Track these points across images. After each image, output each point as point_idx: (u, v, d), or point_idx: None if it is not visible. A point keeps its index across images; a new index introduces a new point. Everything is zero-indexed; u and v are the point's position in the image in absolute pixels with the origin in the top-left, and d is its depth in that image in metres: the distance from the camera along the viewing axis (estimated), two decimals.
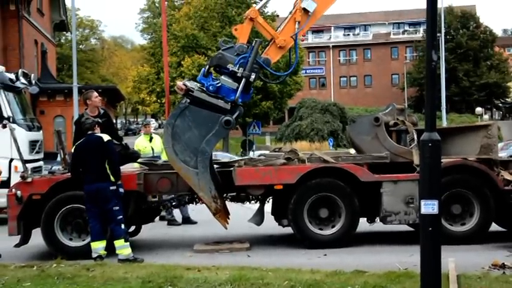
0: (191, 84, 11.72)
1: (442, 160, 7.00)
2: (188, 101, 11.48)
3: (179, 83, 11.77)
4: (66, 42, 72.18)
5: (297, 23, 11.95)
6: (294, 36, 12.00)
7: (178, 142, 11.46)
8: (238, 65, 11.55)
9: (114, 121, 48.53)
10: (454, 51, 73.74)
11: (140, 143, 16.00)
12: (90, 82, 68.67)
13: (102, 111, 12.50)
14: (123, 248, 11.01)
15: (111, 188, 11.05)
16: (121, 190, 11.31)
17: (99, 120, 11.71)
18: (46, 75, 38.34)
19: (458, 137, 12.83)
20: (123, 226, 11.08)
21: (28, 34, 34.82)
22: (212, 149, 11.70)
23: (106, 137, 11.30)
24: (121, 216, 11.07)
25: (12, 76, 17.83)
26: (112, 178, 11.08)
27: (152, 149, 15.81)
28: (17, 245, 11.85)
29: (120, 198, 11.20)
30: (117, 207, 11.04)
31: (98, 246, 11.12)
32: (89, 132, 11.33)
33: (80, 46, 76.79)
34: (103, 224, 11.17)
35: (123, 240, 11.02)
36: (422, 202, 6.56)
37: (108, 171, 11.07)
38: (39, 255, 11.98)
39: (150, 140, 16.03)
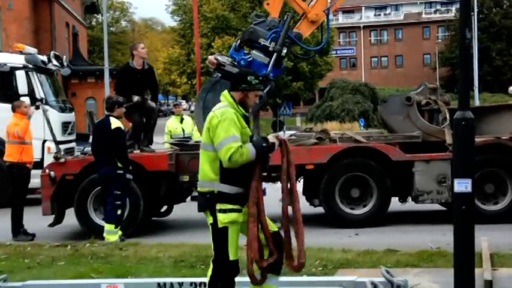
0: (222, 58, 11.72)
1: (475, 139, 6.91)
2: (219, 75, 11.48)
3: (210, 57, 11.79)
4: (97, 25, 72.42)
5: None
6: (326, 11, 11.92)
7: None
8: (269, 40, 11.53)
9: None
10: (487, 30, 72.56)
11: (171, 124, 16.01)
12: (121, 64, 68.83)
13: (147, 66, 12.65)
14: (111, 234, 10.95)
15: (118, 171, 10.92)
16: (128, 176, 11.14)
17: (120, 101, 11.53)
18: (77, 58, 38.55)
19: (492, 116, 12.69)
20: (119, 212, 10.99)
21: (59, 16, 35.05)
22: None
23: (115, 125, 11.04)
24: (119, 202, 10.97)
25: (45, 58, 17.99)
26: (119, 164, 11.00)
27: (183, 130, 15.83)
28: (51, 225, 12.02)
29: (125, 184, 11.12)
30: (119, 192, 10.93)
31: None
32: (107, 113, 11.21)
33: (111, 28, 76.87)
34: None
35: (113, 226, 10.96)
36: (456, 181, 6.48)
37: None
38: (73, 234, 12.14)
39: (181, 121, 16.04)
